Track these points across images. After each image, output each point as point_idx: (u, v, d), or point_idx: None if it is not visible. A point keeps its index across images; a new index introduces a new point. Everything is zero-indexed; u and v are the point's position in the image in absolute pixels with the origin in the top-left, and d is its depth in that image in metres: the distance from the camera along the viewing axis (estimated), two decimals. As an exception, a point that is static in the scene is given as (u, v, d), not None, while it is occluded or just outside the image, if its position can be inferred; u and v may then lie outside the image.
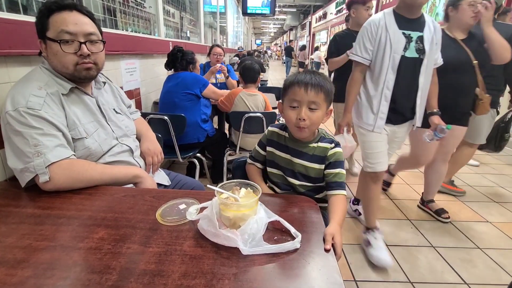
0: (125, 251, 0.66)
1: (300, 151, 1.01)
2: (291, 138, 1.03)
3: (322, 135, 1.02)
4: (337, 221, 0.81)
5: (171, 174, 1.44)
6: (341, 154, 0.98)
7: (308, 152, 1.00)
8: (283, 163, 1.05)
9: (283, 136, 1.05)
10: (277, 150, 1.06)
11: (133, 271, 0.60)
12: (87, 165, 0.96)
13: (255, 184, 0.77)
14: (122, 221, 0.77)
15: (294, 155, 1.02)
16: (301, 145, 1.01)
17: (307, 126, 0.92)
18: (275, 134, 1.07)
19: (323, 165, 0.99)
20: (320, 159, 0.99)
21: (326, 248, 0.68)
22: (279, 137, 1.06)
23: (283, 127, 1.07)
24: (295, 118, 0.92)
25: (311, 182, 1.03)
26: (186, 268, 0.61)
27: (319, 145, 0.99)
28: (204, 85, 2.23)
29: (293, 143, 1.02)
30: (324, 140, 1.00)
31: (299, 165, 1.01)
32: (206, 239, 0.70)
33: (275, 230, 0.75)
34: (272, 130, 1.08)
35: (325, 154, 0.98)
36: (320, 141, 1.00)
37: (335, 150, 0.98)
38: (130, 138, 1.24)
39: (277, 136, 1.06)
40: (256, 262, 0.64)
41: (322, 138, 1.01)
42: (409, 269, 1.67)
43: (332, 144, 0.99)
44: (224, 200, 0.71)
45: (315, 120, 0.92)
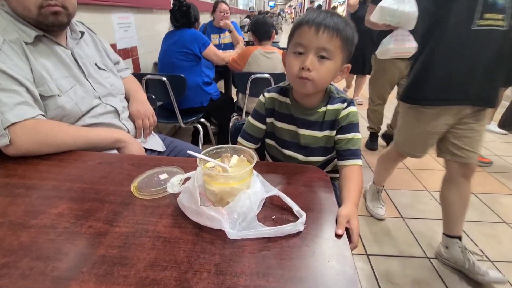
0: (85, 231, 0.53)
1: (308, 120, 0.82)
2: (294, 105, 0.83)
3: (331, 95, 0.81)
4: (353, 200, 0.65)
5: (167, 139, 1.29)
6: (355, 115, 0.79)
7: (317, 120, 0.81)
8: (286, 136, 0.87)
9: (284, 103, 0.85)
10: (278, 121, 0.87)
11: (88, 258, 0.47)
12: (57, 127, 0.82)
13: (250, 151, 0.61)
14: (89, 193, 0.64)
15: (300, 125, 0.83)
16: (308, 112, 0.81)
17: (312, 79, 0.71)
18: (275, 102, 0.86)
19: (334, 131, 0.81)
20: (330, 124, 0.81)
21: (338, 233, 0.53)
22: (280, 105, 0.86)
23: (283, 91, 0.86)
24: (297, 67, 0.71)
25: (321, 155, 0.85)
26: (156, 254, 0.48)
27: (328, 108, 0.80)
28: (204, 44, 2.01)
29: (298, 110, 0.82)
30: (335, 100, 0.81)
31: (306, 136, 0.83)
32: (187, 217, 0.56)
33: (274, 208, 0.60)
34: (271, 96, 0.87)
35: (336, 117, 0.80)
36: (330, 102, 0.80)
37: (348, 110, 0.79)
38: (116, 98, 1.08)
39: (278, 103, 0.86)
40: (246, 249, 0.50)
41: (332, 99, 0.81)
42: (426, 244, 1.54)
43: (344, 104, 0.80)
44: (208, 171, 0.55)
45: (323, 73, 0.71)
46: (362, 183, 0.73)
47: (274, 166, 0.76)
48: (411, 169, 2.28)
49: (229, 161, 0.60)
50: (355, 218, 0.58)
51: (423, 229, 1.65)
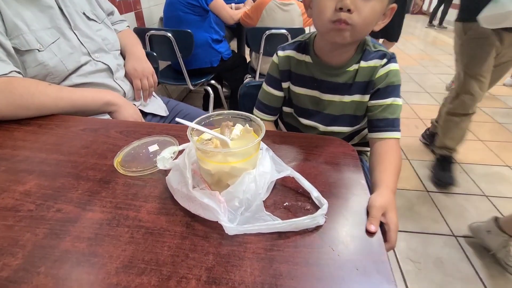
0: (51, 216, 0.43)
1: (334, 83, 0.65)
2: (317, 63, 0.65)
3: (366, 48, 0.63)
4: (389, 185, 0.51)
5: (171, 102, 1.16)
6: (397, 74, 0.62)
7: (346, 82, 0.64)
8: (307, 103, 0.70)
9: (303, 62, 0.67)
10: (296, 85, 0.70)
11: (49, 253, 0.37)
12: (35, 87, 0.70)
13: (258, 119, 0.47)
14: (65, 167, 0.53)
15: (325, 90, 0.66)
16: (334, 72, 0.64)
17: (353, 23, 0.53)
18: (292, 61, 0.69)
19: (367, 95, 0.64)
20: (363, 86, 0.64)
21: (370, 229, 0.41)
22: (298, 65, 0.68)
23: (302, 47, 0.68)
24: (332, 8, 0.53)
25: (346, 125, 0.69)
26: (134, 251, 0.38)
27: (362, 65, 0.62)
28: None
29: (322, 70, 0.65)
30: (371, 55, 0.63)
31: (332, 103, 0.67)
32: (177, 202, 0.45)
33: (287, 191, 0.48)
34: (285, 54, 0.69)
35: (372, 77, 0.62)
36: (364, 58, 0.63)
37: (388, 68, 0.61)
38: (110, 54, 0.94)
39: (296, 63, 0.68)
40: (250, 248, 0.38)
41: (367, 54, 0.63)
42: (453, 221, 1.41)
43: (383, 60, 0.62)
44: (201, 145, 0.42)
45: (367, 15, 0.53)
46: (400, 162, 0.58)
47: (289, 137, 0.62)
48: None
49: (231, 131, 0.47)
50: (393, 210, 0.45)
51: (450, 204, 1.51)
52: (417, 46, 4.43)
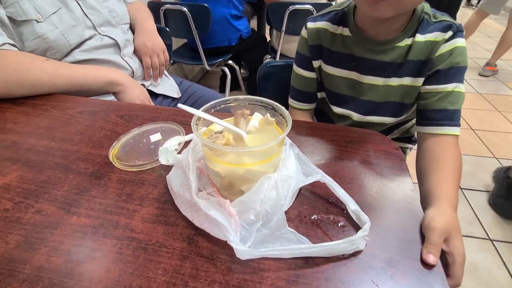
0: (28, 219, 0.35)
1: (379, 62, 0.52)
2: (357, 37, 0.53)
3: (424, 17, 0.50)
4: (451, 200, 0.40)
5: (184, 83, 1.07)
6: (464, 53, 0.48)
7: (395, 60, 0.51)
8: (342, 88, 0.58)
9: (339, 36, 0.55)
10: (329, 64, 0.57)
11: (17, 270, 0.30)
12: (30, 61, 0.62)
13: (282, 108, 0.36)
14: (54, 156, 0.46)
15: (366, 71, 0.54)
16: (380, 49, 0.51)
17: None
18: (324, 35, 0.56)
19: (421, 78, 0.51)
20: (417, 67, 0.51)
21: (428, 260, 0.30)
22: (333, 39, 0.55)
23: (338, 17, 0.55)
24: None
25: (389, 115, 0.57)
26: (120, 274, 0.30)
27: (417, 40, 0.49)
28: None
29: (363, 46, 0.52)
30: (431, 27, 0.49)
31: (373, 87, 0.54)
32: (178, 209, 0.36)
33: (316, 201, 0.38)
34: (317, 27, 0.56)
35: (430, 55, 0.49)
36: (421, 30, 0.49)
37: (453, 45, 0.48)
38: (117, 28, 0.85)
39: (330, 37, 0.56)
40: (266, 279, 0.29)
41: (425, 25, 0.49)
42: (489, 223, 1.27)
43: (447, 32, 0.48)
44: (208, 141, 0.33)
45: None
46: (461, 167, 0.46)
47: (317, 129, 0.51)
48: (475, 130, 1.89)
49: (247, 122, 0.37)
50: (459, 235, 0.35)
51: (486, 204, 1.37)
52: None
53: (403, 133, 0.65)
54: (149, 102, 0.79)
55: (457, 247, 0.34)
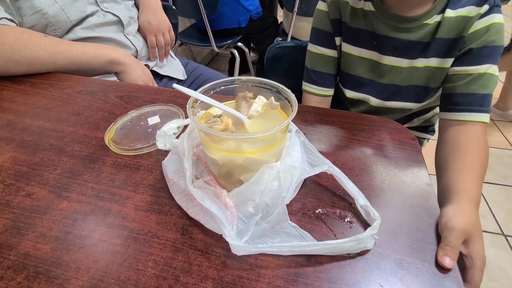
0: (18, 202, 0.34)
1: (404, 40, 0.47)
2: (381, 12, 0.47)
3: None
4: (473, 197, 0.36)
5: (190, 64, 1.03)
6: (500, 30, 0.43)
7: (421, 40, 0.46)
8: (360, 69, 0.53)
9: (361, 11, 0.49)
10: (349, 43, 0.52)
11: (3, 256, 0.29)
12: (28, 38, 0.60)
13: (287, 91, 0.33)
14: (49, 137, 0.44)
15: (388, 51, 0.49)
16: (406, 26, 0.46)
17: None
18: (344, 7, 0.51)
19: (451, 59, 0.46)
20: (447, 45, 0.45)
21: (444, 264, 0.27)
22: (353, 15, 0.50)
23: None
24: None
25: (411, 101, 0.52)
26: (108, 264, 0.28)
27: (447, 15, 0.44)
28: None
29: (388, 22, 0.47)
30: (463, 0, 0.44)
31: (395, 69, 0.49)
32: (173, 197, 0.34)
33: (321, 193, 0.35)
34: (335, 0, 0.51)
35: (462, 33, 0.44)
36: (452, 5, 0.44)
37: (488, 21, 0.43)
38: (121, 5, 0.82)
39: (350, 12, 0.50)
40: (263, 277, 0.27)
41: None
42: (504, 218, 1.22)
43: (483, 7, 0.42)
44: (205, 126, 0.30)
45: None
46: (487, 158, 0.42)
47: (326, 115, 0.48)
48: (494, 120, 1.80)
49: (249, 106, 0.34)
50: (480, 237, 0.31)
51: (502, 198, 1.31)
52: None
53: (423, 122, 0.60)
54: (152, 83, 0.76)
55: (478, 250, 0.31)
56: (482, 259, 0.31)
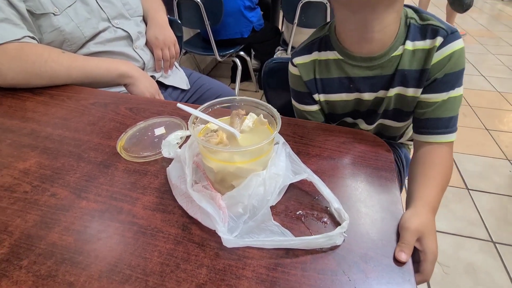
0: (45, 201, 0.40)
1: (374, 77, 0.51)
2: (347, 56, 0.51)
3: (411, 23, 0.48)
4: (430, 204, 0.41)
5: (193, 75, 1.10)
6: (461, 55, 0.46)
7: (391, 72, 0.50)
8: (348, 108, 0.57)
9: (330, 62, 0.53)
10: (332, 93, 0.55)
11: (35, 245, 0.35)
12: (48, 54, 0.67)
13: (273, 109, 0.39)
14: (68, 145, 0.50)
15: (365, 88, 0.52)
16: (374, 63, 0.49)
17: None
18: (313, 67, 0.54)
19: (419, 89, 0.50)
20: (413, 76, 0.49)
21: (400, 258, 0.33)
22: (325, 67, 0.53)
23: (323, 43, 0.53)
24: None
25: (396, 121, 0.57)
26: (121, 254, 0.34)
27: (408, 48, 0.48)
28: None
29: (356, 64, 0.50)
30: (418, 31, 0.48)
31: (373, 102, 0.54)
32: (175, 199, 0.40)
33: (303, 197, 0.41)
34: (303, 62, 0.54)
35: (425, 65, 0.48)
36: (410, 37, 0.47)
37: (447, 51, 0.46)
38: (131, 21, 0.88)
39: (320, 67, 0.54)
40: (249, 265, 0.33)
41: (413, 30, 0.47)
42: (494, 225, 1.26)
43: (438, 38, 0.46)
44: (203, 140, 0.36)
45: None
46: (450, 173, 0.47)
47: (313, 128, 0.54)
48: (489, 130, 1.84)
49: (242, 122, 0.40)
50: (432, 235, 0.37)
51: (494, 206, 1.35)
52: (477, 20, 3.88)
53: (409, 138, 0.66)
54: (158, 94, 0.83)
55: (429, 246, 0.36)
56: (433, 253, 0.37)
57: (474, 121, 1.92)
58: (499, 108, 2.07)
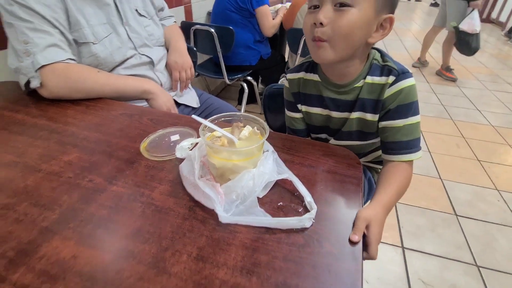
0: (84, 184, 0.52)
1: (342, 101, 0.64)
2: (324, 81, 0.65)
3: (373, 62, 0.61)
4: (382, 202, 0.52)
5: (203, 95, 1.25)
6: (411, 91, 0.58)
7: (353, 99, 0.63)
8: (318, 122, 0.71)
9: (312, 82, 0.67)
10: (309, 105, 0.69)
11: (78, 213, 0.46)
12: (87, 73, 0.81)
13: (264, 123, 0.51)
14: (101, 145, 0.63)
15: (333, 108, 0.66)
16: (341, 89, 0.63)
17: (328, 38, 0.53)
18: (300, 82, 0.69)
19: (376, 115, 0.62)
20: (370, 104, 0.62)
21: (353, 239, 0.43)
22: (307, 85, 0.68)
23: (310, 66, 0.67)
24: (310, 24, 0.54)
25: (357, 140, 0.69)
26: (142, 224, 0.45)
27: (367, 81, 0.60)
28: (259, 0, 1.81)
29: (329, 89, 0.64)
30: (378, 70, 0.60)
31: (340, 120, 0.67)
32: (185, 188, 0.52)
33: (284, 193, 0.52)
34: (292, 77, 0.69)
35: (380, 97, 0.60)
36: (371, 73, 0.60)
37: (397, 88, 0.58)
38: (153, 49, 1.04)
39: (304, 83, 0.68)
40: (238, 237, 0.44)
41: (374, 68, 0.60)
42: (479, 250, 1.33)
43: (390, 77, 0.58)
44: (209, 142, 0.48)
45: (343, 26, 0.51)
46: (407, 183, 0.58)
47: (299, 142, 0.66)
48: (481, 161, 1.93)
49: (240, 132, 0.52)
50: (377, 225, 0.47)
51: (480, 232, 1.42)
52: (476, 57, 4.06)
53: (375, 157, 0.77)
54: (173, 108, 0.97)
55: (373, 232, 0.46)
56: (376, 238, 0.47)
57: (467, 152, 2.01)
58: (492, 141, 2.16)
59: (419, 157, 0.60)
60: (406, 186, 0.58)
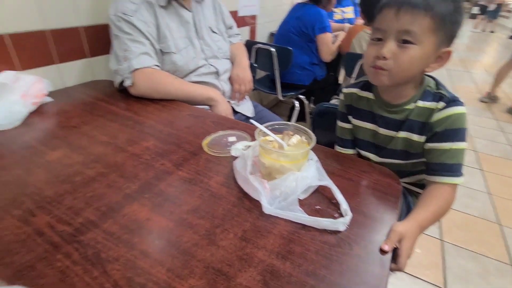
0: (158, 166, 0.64)
1: (390, 119, 0.69)
2: (377, 100, 0.71)
3: (427, 89, 0.65)
4: (419, 220, 0.54)
5: (258, 107, 1.36)
6: (460, 119, 0.61)
7: (402, 119, 0.67)
8: (365, 136, 0.76)
9: (365, 98, 0.73)
10: (358, 119, 0.76)
11: (152, 188, 0.57)
12: (166, 78, 0.97)
13: (311, 133, 0.58)
14: (172, 137, 0.75)
15: (382, 125, 0.71)
16: (392, 109, 0.68)
17: (388, 69, 0.59)
18: (354, 97, 0.75)
19: (423, 136, 0.66)
20: (418, 126, 0.65)
21: (383, 248, 0.47)
22: (360, 100, 0.74)
23: (367, 85, 0.73)
24: (372, 56, 0.61)
25: (400, 159, 0.72)
26: (200, 204, 0.54)
27: (419, 104, 0.65)
28: (322, 28, 1.90)
29: (381, 107, 0.70)
30: (430, 96, 0.64)
31: (387, 137, 0.71)
32: (237, 181, 0.60)
33: (323, 198, 0.57)
34: (349, 92, 0.76)
35: (428, 119, 0.64)
36: (423, 98, 0.65)
37: (446, 113, 0.61)
38: (220, 60, 1.19)
39: (357, 99, 0.74)
40: (277, 228, 0.50)
41: (427, 94, 0.65)
42: None
43: (441, 103, 0.62)
44: (263, 144, 0.56)
45: (404, 61, 0.57)
46: (447, 207, 0.60)
47: (343, 158, 0.71)
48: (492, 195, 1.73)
49: (289, 139, 0.60)
50: (410, 239, 0.50)
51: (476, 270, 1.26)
52: None
53: (417, 180, 0.78)
54: (231, 115, 1.08)
55: (405, 246, 0.49)
56: (407, 252, 0.49)
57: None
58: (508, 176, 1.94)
59: (461, 182, 0.62)
60: (446, 210, 0.59)
